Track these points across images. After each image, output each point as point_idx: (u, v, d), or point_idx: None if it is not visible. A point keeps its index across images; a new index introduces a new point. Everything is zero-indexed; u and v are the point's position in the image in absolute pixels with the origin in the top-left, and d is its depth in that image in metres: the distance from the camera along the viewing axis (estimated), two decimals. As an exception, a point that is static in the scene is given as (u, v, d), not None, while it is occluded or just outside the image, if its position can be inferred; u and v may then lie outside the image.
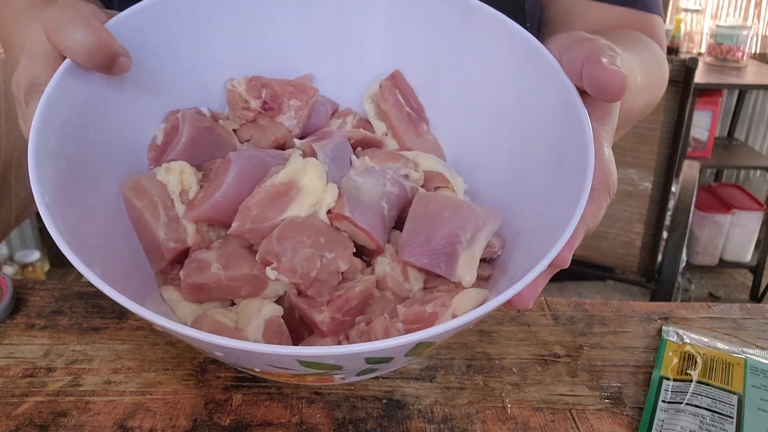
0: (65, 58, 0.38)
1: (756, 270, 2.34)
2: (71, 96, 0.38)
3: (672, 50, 2.48)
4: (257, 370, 0.34)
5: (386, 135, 0.50)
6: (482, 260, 0.40)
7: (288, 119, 0.48)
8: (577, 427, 0.43)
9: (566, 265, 0.34)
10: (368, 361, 0.31)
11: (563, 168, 0.38)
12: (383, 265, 0.41)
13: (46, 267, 1.89)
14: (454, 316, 0.37)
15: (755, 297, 2.35)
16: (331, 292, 0.38)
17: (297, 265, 0.37)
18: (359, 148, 0.47)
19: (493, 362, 0.48)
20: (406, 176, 0.44)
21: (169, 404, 0.43)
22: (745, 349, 0.49)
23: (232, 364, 0.36)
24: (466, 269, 0.39)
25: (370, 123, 0.51)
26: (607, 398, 0.46)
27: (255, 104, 0.47)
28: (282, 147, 0.47)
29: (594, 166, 0.35)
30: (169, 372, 0.46)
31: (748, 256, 2.42)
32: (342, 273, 0.39)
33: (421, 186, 0.45)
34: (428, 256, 0.40)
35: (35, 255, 1.78)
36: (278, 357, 0.29)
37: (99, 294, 0.55)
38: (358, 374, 0.35)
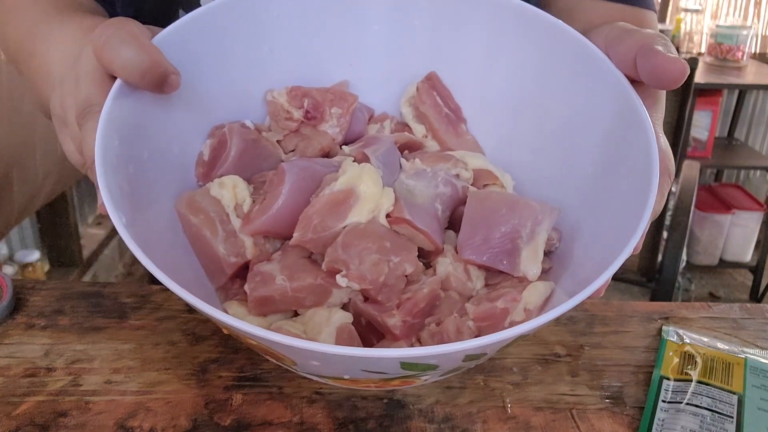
0: (112, 77, 0.38)
1: (756, 270, 2.35)
2: (125, 115, 0.38)
3: (672, 50, 2.48)
4: (346, 377, 0.34)
5: (426, 137, 0.50)
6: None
7: (331, 127, 0.48)
8: (578, 427, 0.43)
9: (637, 251, 0.35)
10: (465, 358, 0.32)
11: (624, 158, 0.38)
12: (445, 265, 0.41)
13: (46, 267, 1.89)
14: (525, 311, 0.38)
15: (755, 297, 2.35)
16: (399, 296, 0.39)
17: (366, 271, 0.37)
18: (406, 151, 0.47)
19: (493, 362, 0.48)
20: (457, 176, 0.44)
21: (170, 404, 0.43)
22: (745, 349, 0.49)
23: (318, 373, 0.36)
24: (530, 263, 0.40)
25: (407, 126, 0.51)
26: (607, 398, 0.46)
27: (297, 114, 0.47)
28: (327, 155, 0.47)
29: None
30: (170, 372, 0.46)
31: (748, 256, 2.42)
32: (407, 276, 0.39)
33: (471, 185, 0.45)
34: (488, 253, 0.40)
35: (35, 255, 1.78)
36: (383, 361, 0.29)
37: (100, 293, 0.55)
38: (443, 374, 0.36)
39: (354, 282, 0.37)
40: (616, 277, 1.61)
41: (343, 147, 0.47)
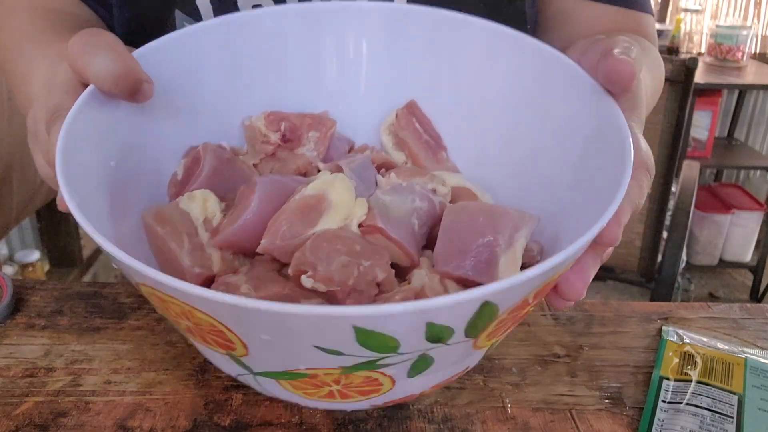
0: (85, 87, 0.38)
1: (756, 270, 2.35)
2: (93, 123, 0.37)
3: (672, 50, 2.48)
4: (302, 367, 0.32)
5: (406, 164, 0.50)
6: (521, 266, 0.39)
7: (308, 151, 0.47)
8: (577, 427, 0.43)
9: (616, 242, 0.33)
10: (429, 336, 0.30)
11: (602, 162, 0.38)
12: (421, 276, 0.39)
13: (46, 267, 1.89)
14: None
15: (755, 297, 2.36)
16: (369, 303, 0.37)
17: (334, 272, 0.35)
18: (383, 170, 0.46)
19: (492, 362, 0.48)
20: (434, 191, 0.43)
21: (169, 404, 0.43)
22: (745, 349, 0.49)
23: (272, 369, 0.33)
24: (509, 270, 0.38)
25: (387, 155, 0.50)
26: (606, 398, 0.46)
27: (274, 137, 0.47)
28: (304, 175, 0.47)
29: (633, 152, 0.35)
30: (169, 372, 0.46)
31: (748, 256, 2.42)
32: (378, 284, 0.37)
33: (449, 202, 0.44)
34: (465, 265, 0.38)
35: (35, 255, 1.78)
36: (332, 321, 0.27)
37: (99, 294, 0.55)
38: (410, 371, 0.33)
39: (320, 283, 0.35)
40: (615, 277, 1.61)
41: (319, 163, 0.46)
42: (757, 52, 2.60)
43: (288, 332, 0.28)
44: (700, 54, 2.56)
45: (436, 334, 0.30)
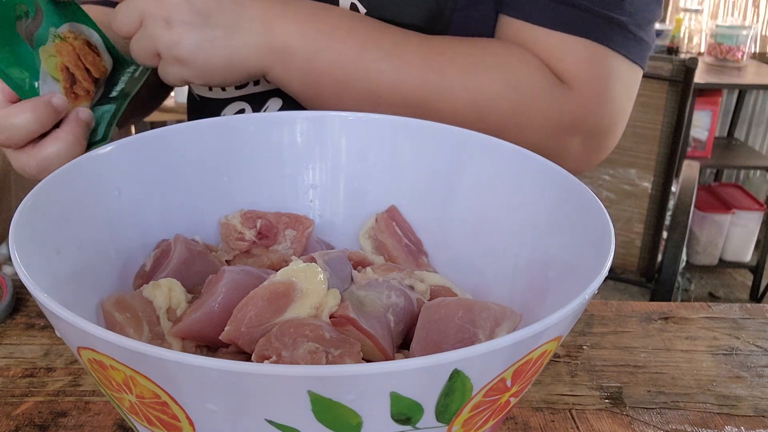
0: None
1: (756, 270, 2.35)
2: (52, 203, 0.37)
3: (672, 50, 2.48)
4: None
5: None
6: None
7: (284, 249, 0.46)
8: (577, 427, 0.43)
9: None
10: (395, 413, 0.26)
11: (583, 255, 0.37)
12: None
13: (46, 267, 1.89)
14: None
15: (755, 297, 2.36)
16: None
17: (300, 358, 0.32)
18: (359, 267, 0.45)
19: (492, 362, 0.48)
20: (411, 287, 0.41)
21: (169, 404, 0.43)
22: None
23: None
24: None
25: (366, 255, 0.49)
26: (606, 398, 0.46)
27: (250, 234, 0.46)
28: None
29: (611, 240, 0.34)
30: (169, 372, 0.46)
31: (748, 256, 2.42)
32: None
33: (428, 300, 0.42)
34: None
35: (35, 255, 1.78)
36: (286, 387, 0.25)
37: (99, 294, 0.55)
38: None
39: None
40: (615, 277, 1.61)
41: (293, 257, 0.45)
42: (757, 52, 2.60)
43: (237, 400, 0.26)
44: (700, 54, 2.56)
45: (403, 412, 0.27)
